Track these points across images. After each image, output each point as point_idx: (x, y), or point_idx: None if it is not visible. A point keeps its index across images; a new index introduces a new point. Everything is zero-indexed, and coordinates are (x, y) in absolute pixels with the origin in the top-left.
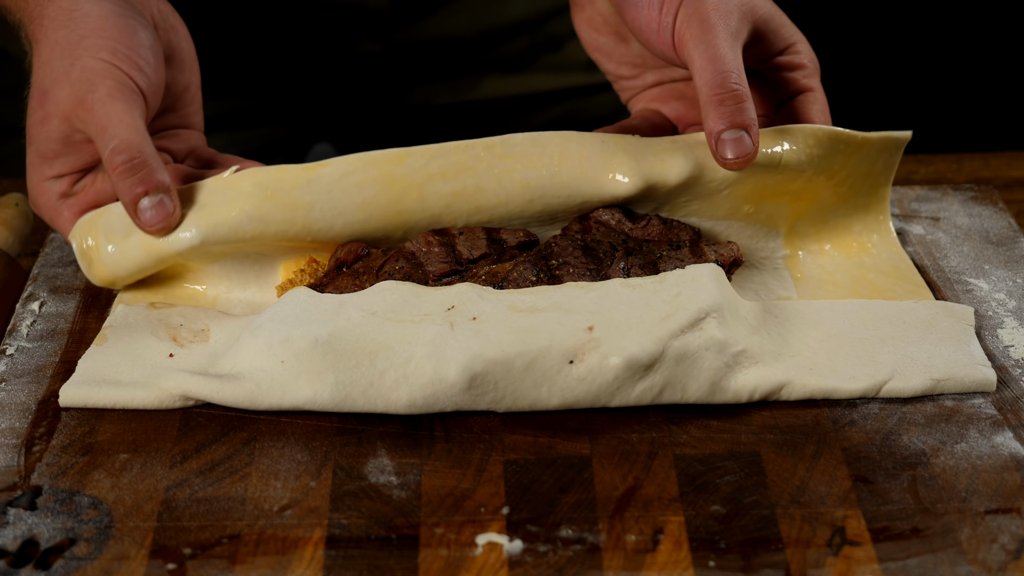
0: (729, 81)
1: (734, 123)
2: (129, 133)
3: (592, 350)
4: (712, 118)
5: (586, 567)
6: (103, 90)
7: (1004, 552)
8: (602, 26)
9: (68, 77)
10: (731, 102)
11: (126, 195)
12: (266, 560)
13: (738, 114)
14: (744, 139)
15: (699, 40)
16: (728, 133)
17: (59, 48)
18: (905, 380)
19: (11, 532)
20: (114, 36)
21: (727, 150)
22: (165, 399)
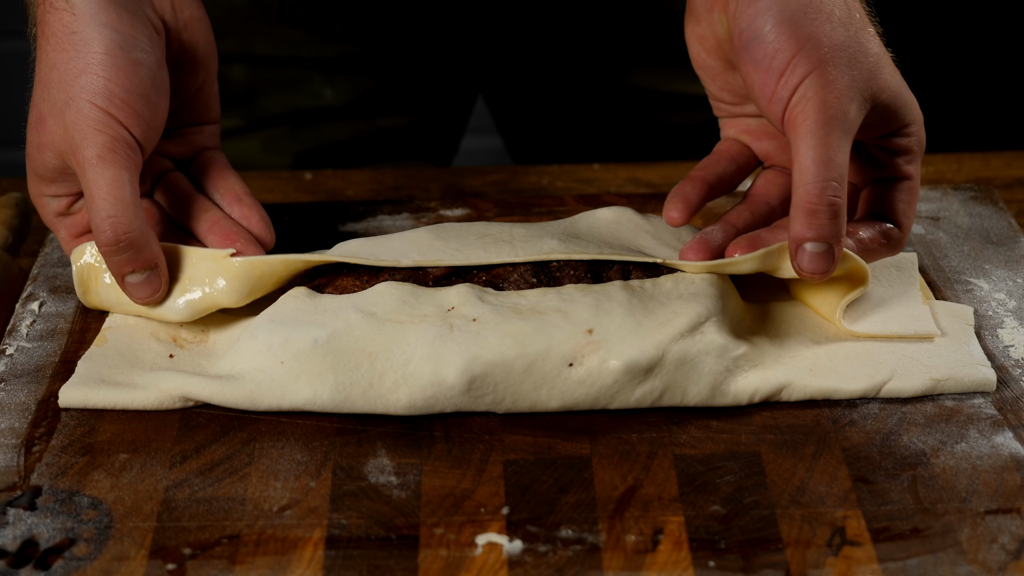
0: (827, 192)
1: (822, 236)
2: (116, 209)
3: (592, 353)
4: (800, 225)
5: (586, 567)
6: (94, 150)
7: (1004, 552)
8: (713, 49)
9: (63, 116)
10: (825, 215)
11: (113, 269)
12: (266, 560)
13: (828, 228)
14: (827, 254)
15: (810, 133)
16: (812, 246)
17: (56, 75)
18: (905, 380)
19: (11, 532)
20: (112, 77)
21: (807, 261)
22: (165, 400)
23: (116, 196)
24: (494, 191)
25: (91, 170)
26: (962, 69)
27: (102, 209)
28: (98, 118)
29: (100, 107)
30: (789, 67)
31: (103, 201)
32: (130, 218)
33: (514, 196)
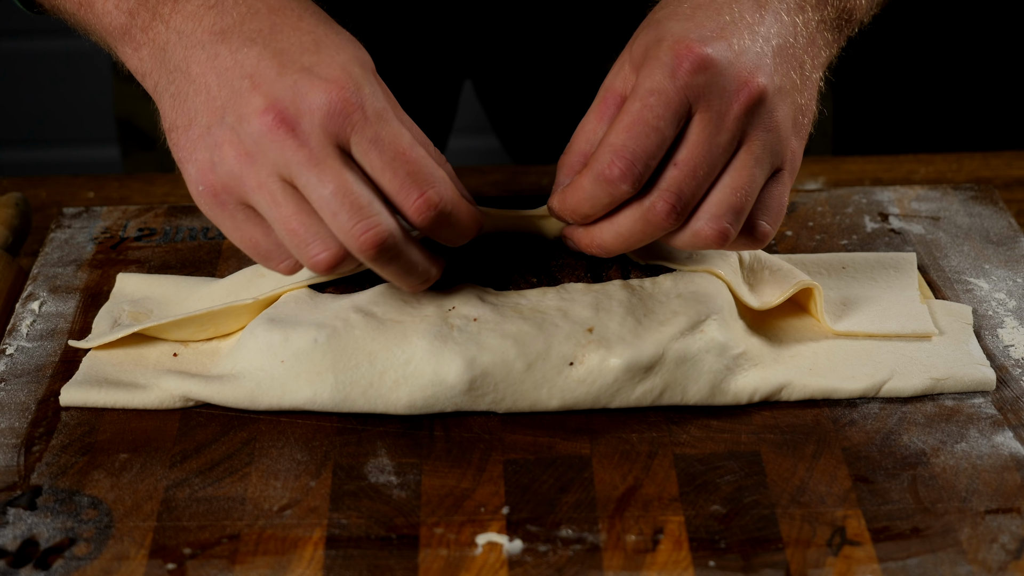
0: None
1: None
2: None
3: (592, 352)
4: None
5: (586, 567)
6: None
7: (1004, 552)
8: None
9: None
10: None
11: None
12: (266, 560)
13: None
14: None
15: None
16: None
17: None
18: (905, 380)
19: (11, 532)
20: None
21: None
22: (165, 399)
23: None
24: (494, 191)
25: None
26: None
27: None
28: None
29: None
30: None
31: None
32: None
33: (514, 196)
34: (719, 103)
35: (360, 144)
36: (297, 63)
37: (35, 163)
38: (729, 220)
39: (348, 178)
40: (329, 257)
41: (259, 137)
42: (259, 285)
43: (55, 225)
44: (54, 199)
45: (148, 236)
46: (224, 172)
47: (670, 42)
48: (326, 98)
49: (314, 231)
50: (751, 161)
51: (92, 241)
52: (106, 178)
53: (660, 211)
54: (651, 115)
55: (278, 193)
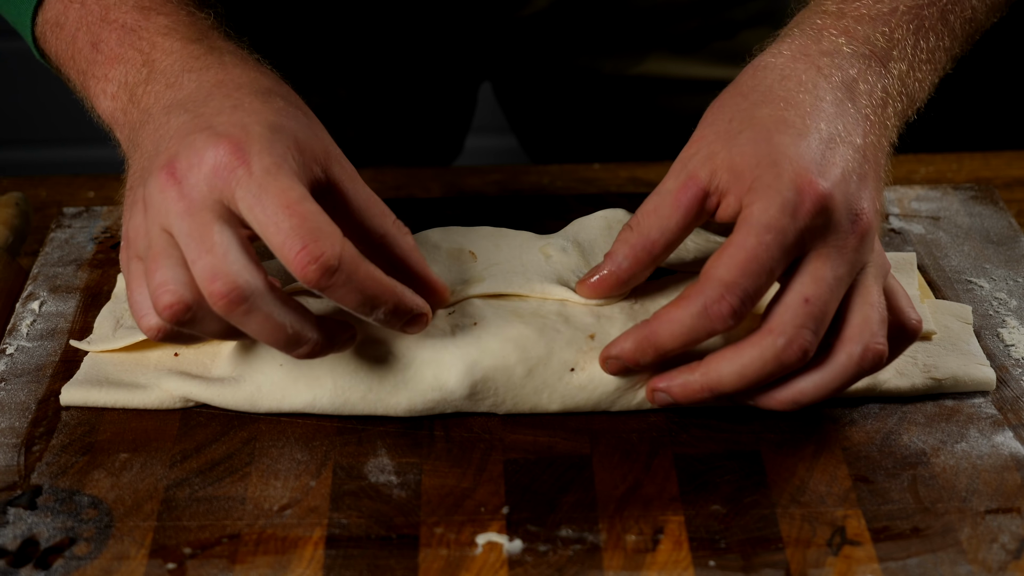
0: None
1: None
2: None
3: (594, 359)
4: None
5: (586, 567)
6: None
7: (1004, 552)
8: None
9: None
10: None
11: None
12: (266, 560)
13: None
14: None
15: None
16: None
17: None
18: (904, 379)
19: (11, 531)
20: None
21: None
22: (166, 400)
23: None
24: (494, 191)
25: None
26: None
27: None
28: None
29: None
30: None
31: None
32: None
33: (514, 195)
34: (835, 239)
35: (244, 200)
36: (206, 124)
37: (35, 163)
38: (881, 339)
39: (214, 230)
40: (173, 300)
41: (153, 191)
42: None
43: (55, 225)
44: (54, 199)
45: None
46: (129, 226)
47: (791, 175)
48: (213, 153)
49: (167, 276)
50: (873, 281)
51: (92, 241)
52: (106, 178)
53: (795, 351)
54: (766, 255)
55: (155, 239)
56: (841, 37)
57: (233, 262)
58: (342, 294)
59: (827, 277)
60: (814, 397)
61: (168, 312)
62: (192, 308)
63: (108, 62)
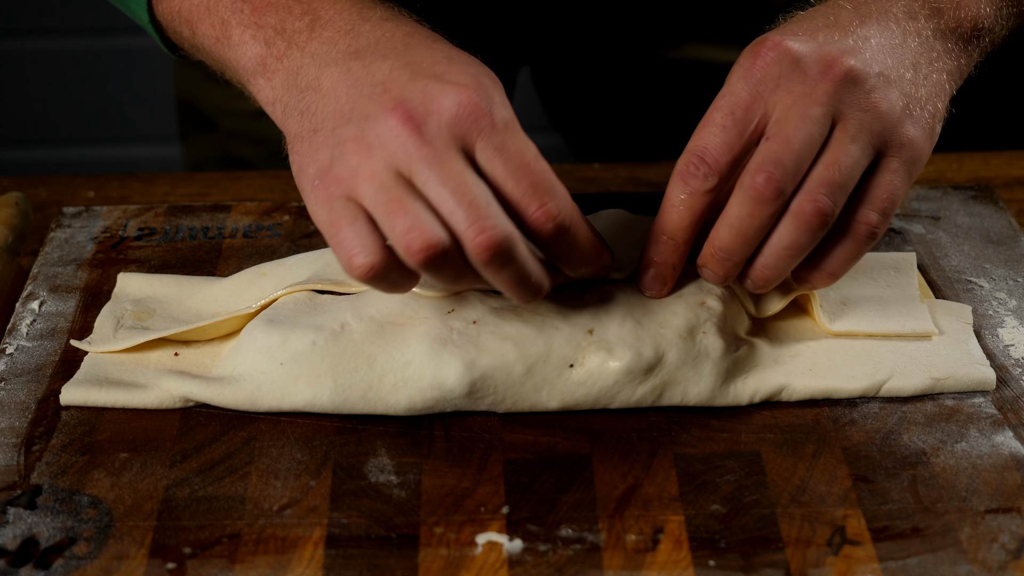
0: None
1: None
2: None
3: (592, 354)
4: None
5: (586, 566)
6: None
7: (1004, 551)
8: None
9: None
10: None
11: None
12: (266, 559)
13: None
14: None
15: None
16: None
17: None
18: (905, 379)
19: (11, 531)
20: None
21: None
22: (166, 399)
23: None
24: None
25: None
26: None
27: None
28: None
29: None
30: None
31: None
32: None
33: None
34: (802, 86)
35: (485, 150)
36: (429, 71)
37: (35, 163)
38: (825, 192)
39: (469, 179)
40: (427, 243)
41: (383, 132)
42: (261, 286)
43: (55, 225)
44: (54, 199)
45: (148, 236)
46: (341, 166)
47: (750, 45)
48: (455, 100)
49: (419, 219)
50: (845, 138)
51: (92, 240)
52: (106, 178)
53: (759, 184)
54: (719, 116)
55: (389, 181)
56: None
57: (495, 211)
58: (565, 250)
59: (791, 118)
60: (780, 257)
61: (422, 255)
62: (448, 252)
63: (259, 9)
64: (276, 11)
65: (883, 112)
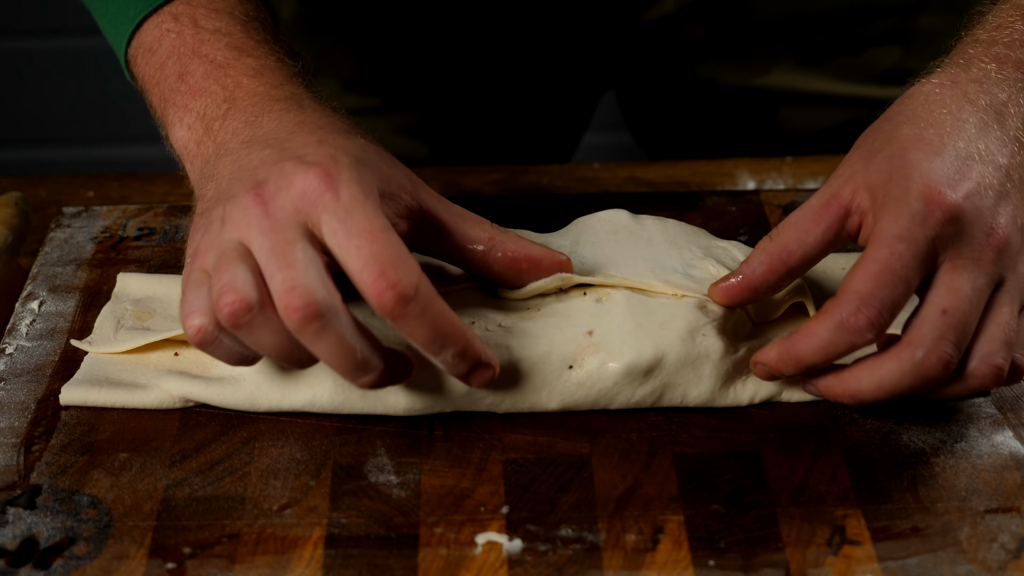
0: None
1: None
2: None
3: (592, 356)
4: None
5: (586, 566)
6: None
7: (1004, 551)
8: None
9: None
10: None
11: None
12: (265, 559)
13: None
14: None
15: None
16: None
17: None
18: None
19: (10, 531)
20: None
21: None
22: (165, 400)
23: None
24: (494, 190)
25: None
26: None
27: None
28: None
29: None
30: None
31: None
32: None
33: (513, 195)
34: (969, 251)
35: (329, 223)
36: (295, 154)
37: (35, 163)
38: (1003, 356)
39: (297, 247)
40: (235, 299)
41: (237, 209)
42: None
43: (55, 224)
44: (54, 199)
45: (148, 235)
46: (202, 241)
47: (919, 187)
48: (303, 178)
49: (235, 279)
50: (1008, 299)
51: (92, 240)
52: (106, 178)
53: (935, 364)
54: (899, 264)
55: (229, 250)
56: (991, 63)
57: (313, 278)
58: (414, 327)
59: (964, 288)
60: (873, 395)
61: (228, 309)
62: (254, 310)
63: (191, 93)
64: (203, 96)
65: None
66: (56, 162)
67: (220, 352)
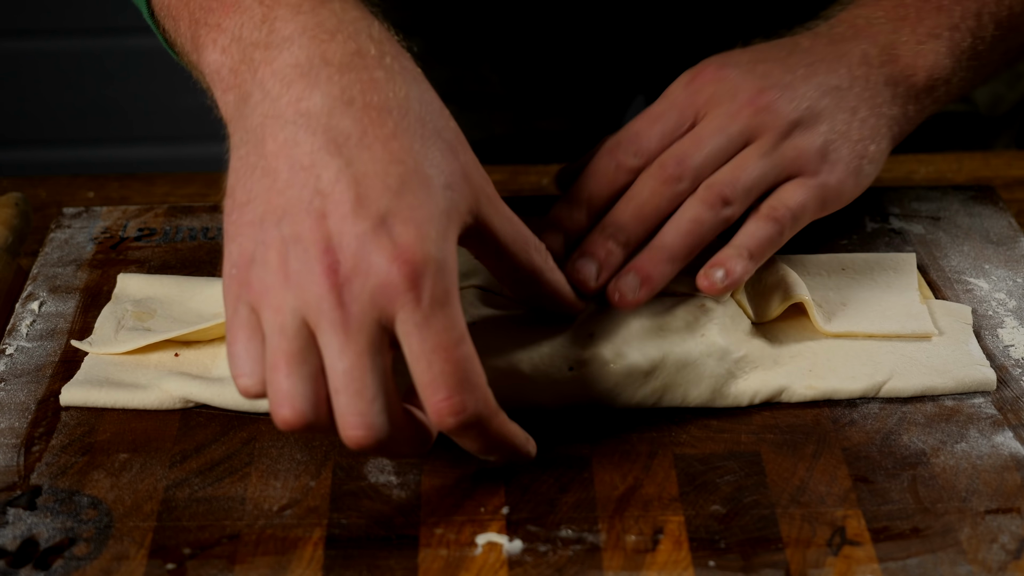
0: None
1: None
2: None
3: (592, 356)
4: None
5: (586, 567)
6: None
7: (1004, 552)
8: None
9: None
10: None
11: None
12: (266, 560)
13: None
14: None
15: None
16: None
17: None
18: (904, 380)
19: (10, 532)
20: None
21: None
22: (166, 400)
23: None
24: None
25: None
26: None
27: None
28: None
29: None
30: None
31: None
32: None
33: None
34: (729, 105)
35: (405, 324)
36: (374, 206)
37: (35, 163)
38: (727, 183)
39: (368, 361)
40: (292, 416)
41: (305, 272)
42: None
43: (55, 225)
44: (54, 199)
45: (148, 236)
46: (257, 274)
47: (693, 68)
48: (386, 268)
49: (296, 390)
50: (755, 153)
51: (92, 241)
52: (106, 178)
53: (662, 163)
54: (656, 110)
55: (291, 328)
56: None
57: (379, 413)
58: (467, 441)
59: (709, 126)
60: (682, 229)
61: (284, 425)
62: (311, 426)
63: (224, 9)
64: (238, 12)
65: (800, 143)
66: (56, 162)
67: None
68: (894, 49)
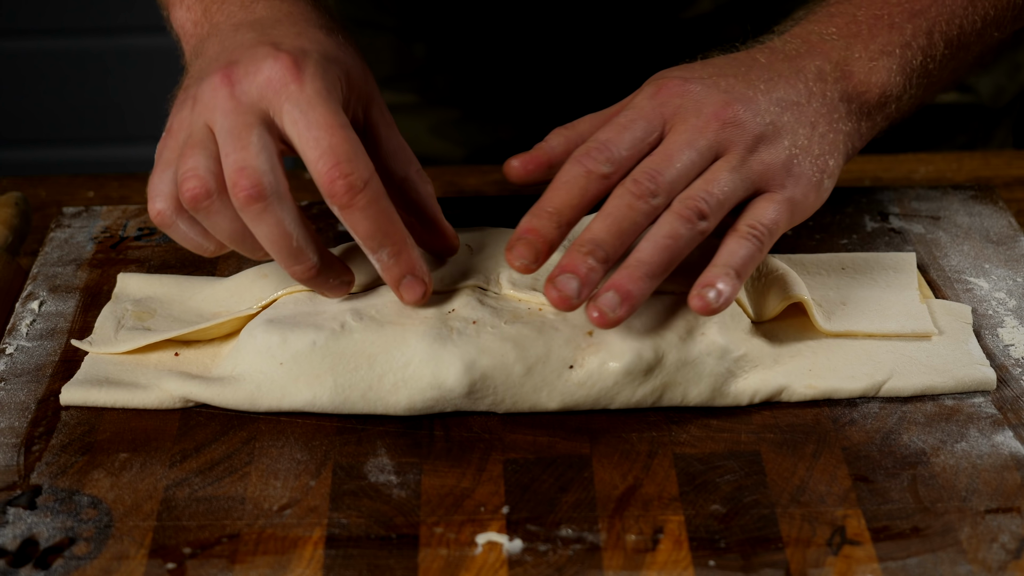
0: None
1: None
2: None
3: (592, 355)
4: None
5: (586, 566)
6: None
7: (1004, 551)
8: None
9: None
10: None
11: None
12: (266, 559)
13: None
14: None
15: None
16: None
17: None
18: (904, 379)
19: (10, 531)
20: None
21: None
22: (166, 400)
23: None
24: (494, 191)
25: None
26: None
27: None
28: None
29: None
30: None
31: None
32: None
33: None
34: (696, 120)
35: (291, 113)
36: (270, 39)
37: (35, 163)
38: (702, 196)
39: (254, 132)
40: (197, 185)
41: (206, 89)
42: (262, 286)
43: (55, 225)
44: (54, 199)
45: (148, 236)
46: (175, 120)
47: (654, 79)
48: (271, 64)
49: (198, 164)
50: (724, 167)
51: (92, 240)
52: (106, 178)
53: (636, 179)
54: (624, 119)
55: (195, 132)
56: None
57: (264, 161)
58: (358, 219)
59: (678, 141)
60: (658, 245)
61: (190, 194)
62: (212, 196)
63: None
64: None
65: (766, 158)
66: (56, 162)
67: (178, 236)
68: (847, 65)
